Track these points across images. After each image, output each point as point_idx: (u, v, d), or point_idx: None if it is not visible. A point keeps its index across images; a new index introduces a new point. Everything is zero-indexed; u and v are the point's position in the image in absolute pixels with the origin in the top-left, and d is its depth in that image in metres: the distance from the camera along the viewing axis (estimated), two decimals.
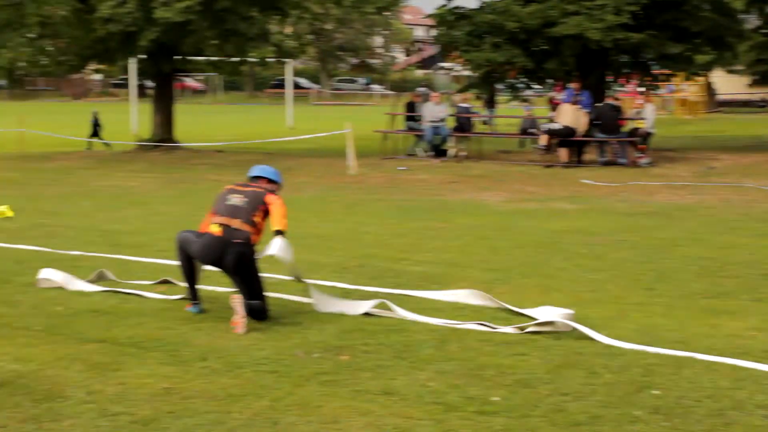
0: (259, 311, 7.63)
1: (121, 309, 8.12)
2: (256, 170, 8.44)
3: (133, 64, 30.90)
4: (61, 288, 8.86)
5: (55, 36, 26.71)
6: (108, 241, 11.75)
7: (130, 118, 35.53)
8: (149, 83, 41.38)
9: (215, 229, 7.84)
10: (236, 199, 7.96)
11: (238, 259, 7.70)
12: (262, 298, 7.73)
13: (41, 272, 9.11)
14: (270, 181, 8.35)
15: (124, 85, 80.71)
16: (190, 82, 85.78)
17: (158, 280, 9.24)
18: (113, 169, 22.40)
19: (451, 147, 24.17)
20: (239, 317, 7.38)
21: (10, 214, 14.35)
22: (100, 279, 9.21)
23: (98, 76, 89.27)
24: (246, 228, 7.79)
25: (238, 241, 7.72)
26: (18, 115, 31.04)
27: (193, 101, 75.68)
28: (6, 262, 10.19)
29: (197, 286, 8.10)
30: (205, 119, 48.38)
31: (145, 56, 26.96)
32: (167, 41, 24.49)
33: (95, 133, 30.09)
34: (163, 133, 27.46)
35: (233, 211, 7.88)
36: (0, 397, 5.79)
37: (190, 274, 8.05)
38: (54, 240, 11.76)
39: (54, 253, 10.73)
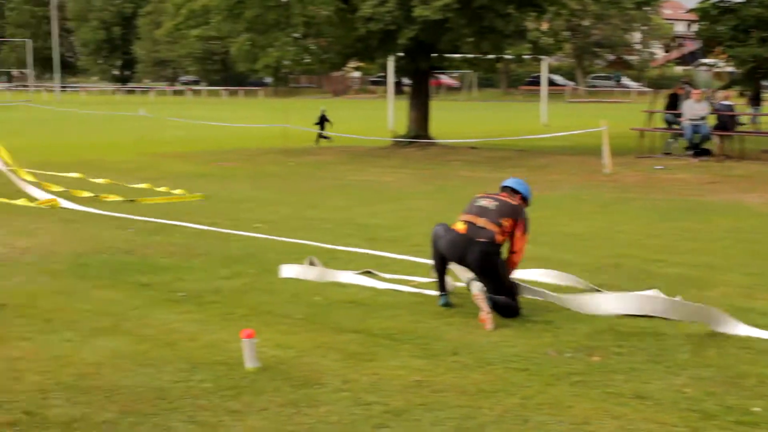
0: (505, 308, 7.63)
1: (376, 301, 8.31)
2: (511, 182, 8.43)
3: (391, 62, 31.53)
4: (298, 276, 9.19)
5: (318, 35, 27.62)
6: (363, 235, 12.05)
7: (387, 114, 36.31)
8: (406, 80, 42.15)
9: (460, 227, 7.93)
10: (486, 202, 8.04)
11: (481, 258, 7.73)
12: (510, 295, 7.73)
13: (283, 269, 9.48)
14: (523, 198, 8.33)
15: (381, 83, 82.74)
16: (445, 79, 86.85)
17: (361, 270, 9.46)
18: (369, 165, 22.95)
19: (715, 145, 23.31)
20: (485, 313, 7.41)
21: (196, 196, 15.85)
22: (311, 265, 9.49)
23: (357, 74, 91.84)
24: (491, 227, 7.81)
25: (482, 239, 7.75)
26: (282, 111, 32.34)
27: (448, 98, 76.56)
28: (269, 253, 10.65)
29: (447, 281, 8.20)
30: (460, 116, 48.86)
31: (402, 54, 27.45)
32: (425, 39, 24.83)
33: (322, 128, 31.04)
34: (419, 130, 27.86)
35: (480, 211, 7.96)
36: (261, 381, 6.07)
37: (441, 268, 8.15)
38: (312, 233, 12.17)
39: (311, 246, 11.11)
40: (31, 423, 5.36)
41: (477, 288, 7.62)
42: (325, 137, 30.75)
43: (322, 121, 31.32)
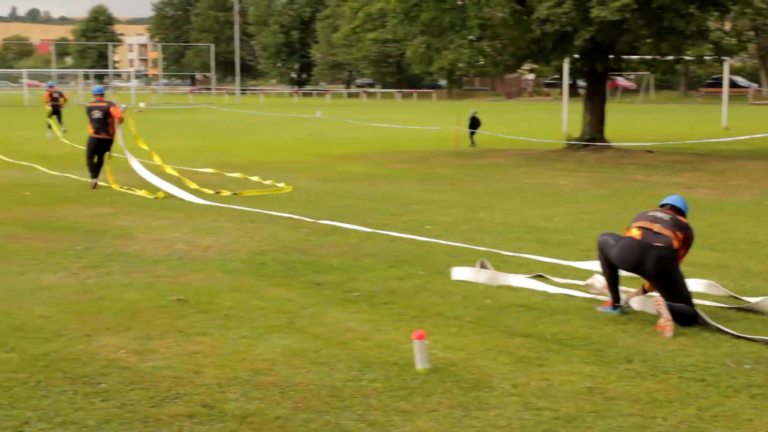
0: (682, 315, 7.43)
1: (547, 305, 8.24)
2: (674, 200, 8.17)
3: (566, 64, 31.17)
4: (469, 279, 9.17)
5: (493, 37, 27.52)
6: (535, 238, 11.96)
7: (562, 117, 35.92)
8: (581, 82, 41.55)
9: (635, 233, 7.77)
10: (658, 213, 7.88)
11: (659, 263, 7.56)
12: (687, 302, 7.53)
13: (454, 271, 9.48)
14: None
15: (555, 85, 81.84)
16: (621, 80, 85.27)
17: (533, 274, 9.41)
18: (542, 167, 22.74)
19: None
20: (665, 321, 7.23)
21: (288, 189, 17.33)
22: (482, 268, 9.44)
23: (530, 76, 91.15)
24: (667, 232, 7.64)
25: (659, 244, 7.58)
26: (454, 113, 32.40)
27: (624, 100, 75.17)
28: (440, 254, 10.69)
29: (619, 288, 8.05)
30: (636, 118, 47.88)
31: (578, 55, 27.08)
32: (602, 40, 24.45)
33: (473, 131, 30.84)
34: (593, 132, 27.43)
35: (654, 219, 7.81)
36: (432, 382, 6.09)
37: (612, 276, 8.01)
38: (483, 235, 12.15)
39: (482, 249, 11.09)
40: (209, 415, 5.53)
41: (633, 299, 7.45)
42: (471, 140, 30.66)
43: (474, 123, 31.21)
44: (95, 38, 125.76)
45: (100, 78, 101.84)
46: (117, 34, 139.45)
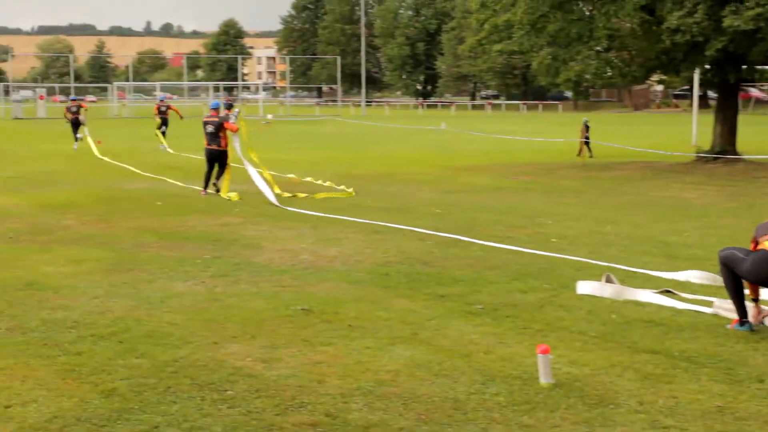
0: None
1: (675, 322, 8.07)
2: None
3: (696, 74, 30.53)
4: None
5: (621, 48, 27.13)
6: (662, 252, 11.73)
7: (691, 128, 35.18)
8: (712, 93, 40.57)
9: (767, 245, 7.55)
10: None
11: None
12: None
13: (579, 285, 9.36)
14: None
15: (685, 96, 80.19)
16: (755, 92, 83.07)
17: (660, 289, 9.20)
18: (670, 180, 22.30)
19: None
20: None
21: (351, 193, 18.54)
22: (608, 282, 9.28)
23: (659, 87, 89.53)
24: None
25: None
26: (580, 125, 32.04)
27: (757, 112, 73.21)
28: (565, 268, 10.57)
29: (747, 303, 7.84)
30: None
31: (709, 66, 26.47)
32: (734, 50, 23.86)
33: (586, 141, 30.26)
34: (724, 145, 26.77)
35: None
36: (555, 398, 6.03)
37: (738, 291, 7.80)
38: (609, 249, 11.97)
39: (607, 265, 10.92)
40: (332, 425, 5.58)
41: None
42: (587, 149, 30.13)
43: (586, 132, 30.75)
44: (225, 51, 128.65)
45: (229, 90, 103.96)
46: (246, 47, 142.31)
